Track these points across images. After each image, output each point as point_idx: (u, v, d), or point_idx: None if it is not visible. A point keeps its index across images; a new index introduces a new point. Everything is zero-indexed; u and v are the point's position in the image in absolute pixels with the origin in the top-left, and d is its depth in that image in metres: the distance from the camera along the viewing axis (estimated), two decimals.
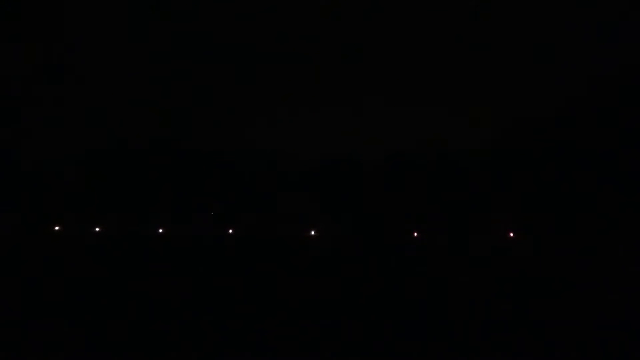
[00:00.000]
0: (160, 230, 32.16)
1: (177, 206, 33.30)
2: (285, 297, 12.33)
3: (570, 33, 35.03)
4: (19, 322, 9.21)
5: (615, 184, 25.17)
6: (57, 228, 31.61)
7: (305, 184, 33.60)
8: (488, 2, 36.12)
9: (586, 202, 25.96)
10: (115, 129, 35.80)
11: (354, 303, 11.82)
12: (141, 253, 22.58)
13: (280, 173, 34.43)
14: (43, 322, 9.27)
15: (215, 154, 35.03)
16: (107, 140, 33.82)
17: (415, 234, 29.33)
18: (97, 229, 31.44)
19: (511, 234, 29.00)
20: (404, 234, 29.26)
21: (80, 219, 32.14)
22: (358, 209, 32.23)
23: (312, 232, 32.42)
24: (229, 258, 21.72)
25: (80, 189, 32.45)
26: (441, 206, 30.65)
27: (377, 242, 26.50)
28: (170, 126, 37.67)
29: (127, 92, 38.57)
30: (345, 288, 14.05)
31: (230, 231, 32.06)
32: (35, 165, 31.63)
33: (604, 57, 31.12)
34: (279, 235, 30.00)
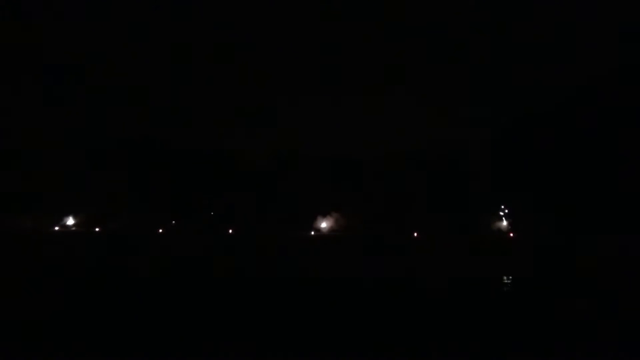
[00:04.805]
0: (160, 230, 32.19)
1: (177, 206, 33.31)
2: (285, 297, 12.36)
3: (570, 33, 35.05)
4: (18, 321, 9.21)
5: (614, 183, 25.20)
6: (57, 228, 31.65)
7: (305, 184, 33.63)
8: (489, 2, 36.15)
9: (586, 201, 25.99)
10: (115, 129, 35.79)
11: (353, 302, 11.85)
12: (141, 253, 22.56)
13: (281, 173, 34.47)
14: (42, 321, 9.27)
15: (215, 154, 35.08)
16: (107, 141, 33.86)
17: (416, 234, 29.35)
18: (97, 229, 31.47)
19: (511, 234, 29.03)
20: (404, 233, 29.30)
21: (81, 219, 32.17)
22: (358, 209, 32.25)
23: (312, 233, 32.44)
24: (229, 258, 21.70)
25: (80, 189, 32.48)
26: (441, 206, 30.68)
27: (377, 241, 26.52)
28: (169, 126, 37.66)
29: (128, 92, 38.55)
30: (345, 287, 14.09)
31: (230, 231, 32.08)
32: (35, 166, 31.69)
33: (603, 57, 31.15)
34: (279, 234, 30.02)
